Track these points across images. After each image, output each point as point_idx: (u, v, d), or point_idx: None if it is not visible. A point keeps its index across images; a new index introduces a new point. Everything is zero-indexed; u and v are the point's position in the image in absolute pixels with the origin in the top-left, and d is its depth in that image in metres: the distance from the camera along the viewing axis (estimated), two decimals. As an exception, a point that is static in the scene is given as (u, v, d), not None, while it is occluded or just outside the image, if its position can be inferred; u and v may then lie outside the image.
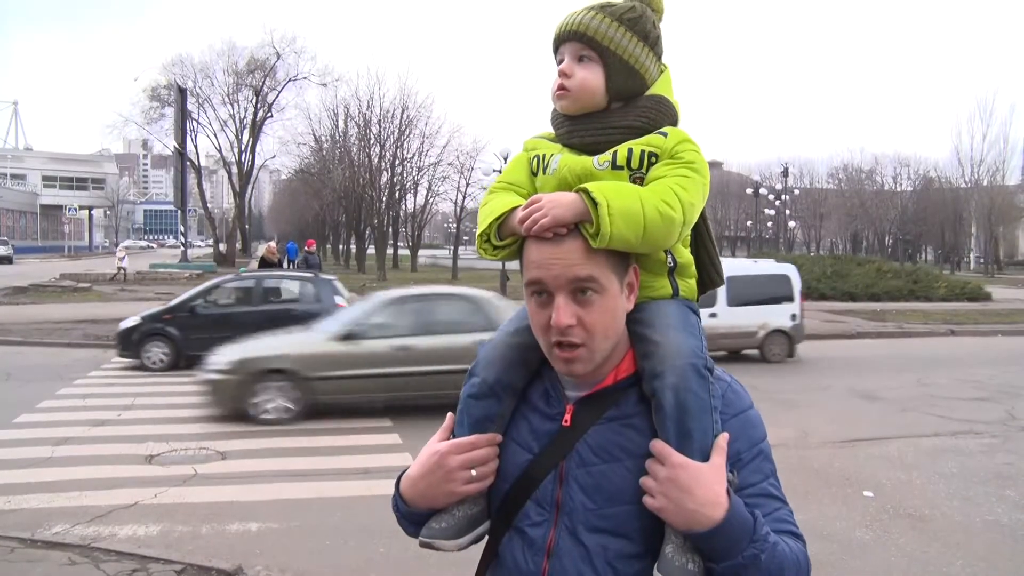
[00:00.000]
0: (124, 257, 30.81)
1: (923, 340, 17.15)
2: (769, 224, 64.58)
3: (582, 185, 1.14)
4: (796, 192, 67.15)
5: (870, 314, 21.01)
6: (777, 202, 57.85)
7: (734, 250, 72.72)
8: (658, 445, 1.13)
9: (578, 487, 1.19)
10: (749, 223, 71.60)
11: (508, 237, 1.20)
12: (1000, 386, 11.27)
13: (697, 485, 1.09)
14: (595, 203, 1.11)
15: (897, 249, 65.01)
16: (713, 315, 12.38)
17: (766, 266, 15.09)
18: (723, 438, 1.15)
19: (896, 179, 70.22)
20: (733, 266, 14.53)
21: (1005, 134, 56.47)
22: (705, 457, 1.12)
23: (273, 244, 18.99)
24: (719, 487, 1.09)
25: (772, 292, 13.62)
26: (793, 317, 13.51)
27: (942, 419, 9.11)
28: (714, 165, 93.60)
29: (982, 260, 60.25)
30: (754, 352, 13.64)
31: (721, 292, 12.48)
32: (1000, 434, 8.46)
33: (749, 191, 55.38)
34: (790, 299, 13.54)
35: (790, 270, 14.10)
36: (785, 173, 61.27)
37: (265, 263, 16.79)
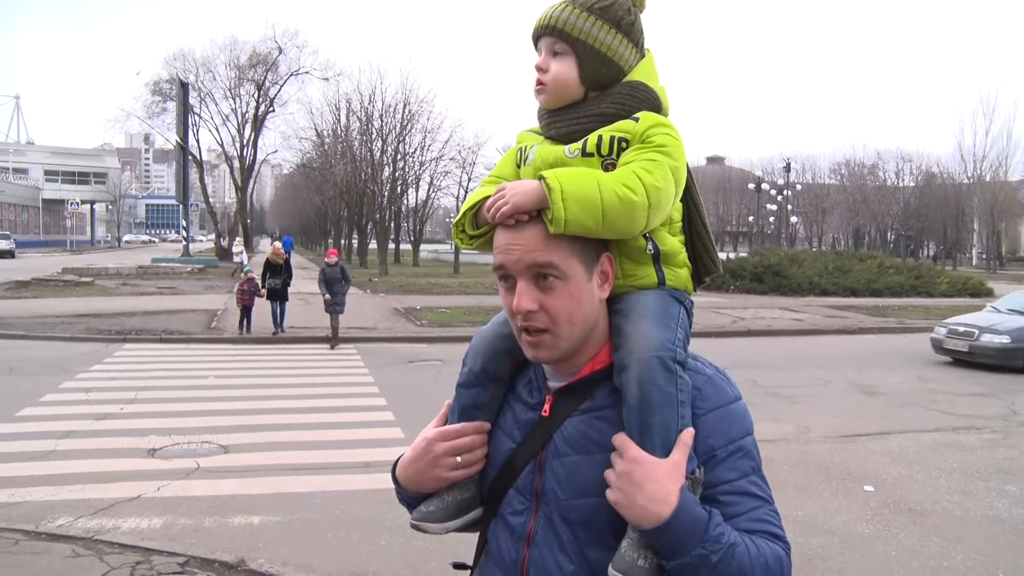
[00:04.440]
0: (242, 252, 30.28)
1: (924, 335, 17.12)
2: (771, 219, 64.44)
3: (542, 172, 1.14)
4: (798, 187, 66.92)
5: (871, 309, 20.99)
6: (779, 197, 57.65)
7: (736, 245, 72.64)
8: (619, 438, 1.13)
9: (553, 477, 1.20)
10: (751, 218, 71.47)
11: (483, 226, 1.21)
12: (1001, 382, 11.28)
13: (649, 480, 1.07)
14: (550, 188, 1.11)
15: (899, 245, 64.93)
16: None
17: None
18: (687, 434, 1.13)
19: (898, 174, 70.25)
20: None
21: (1008, 130, 57.04)
22: (667, 452, 1.11)
23: (280, 244, 17.59)
24: (671, 484, 1.08)
25: None
26: None
27: (943, 414, 9.12)
28: (716, 160, 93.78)
29: (984, 256, 60.15)
30: None
31: None
32: (1001, 429, 8.47)
33: (751, 186, 55.23)
34: None
35: None
36: (787, 168, 60.98)
37: (270, 266, 14.93)
